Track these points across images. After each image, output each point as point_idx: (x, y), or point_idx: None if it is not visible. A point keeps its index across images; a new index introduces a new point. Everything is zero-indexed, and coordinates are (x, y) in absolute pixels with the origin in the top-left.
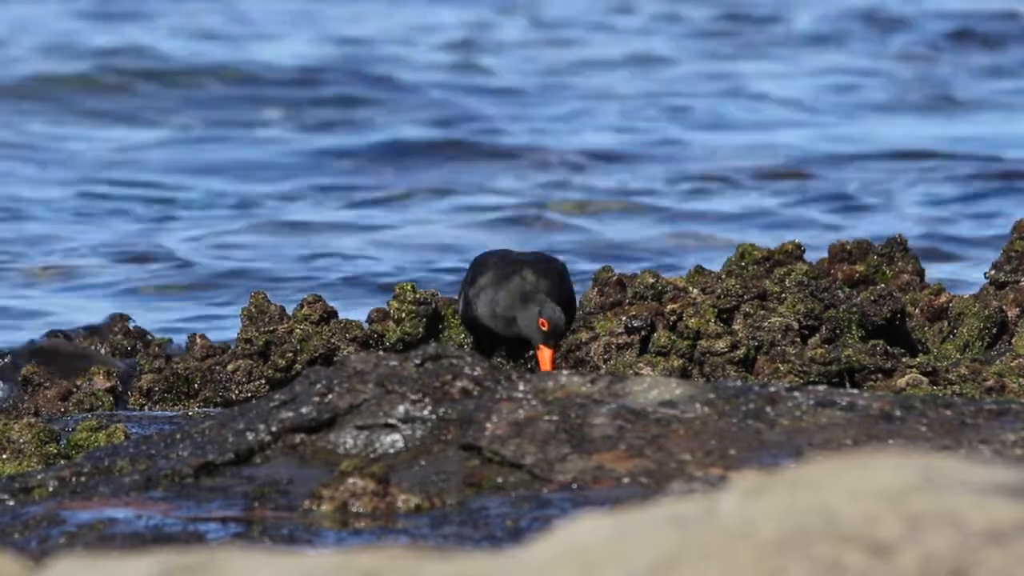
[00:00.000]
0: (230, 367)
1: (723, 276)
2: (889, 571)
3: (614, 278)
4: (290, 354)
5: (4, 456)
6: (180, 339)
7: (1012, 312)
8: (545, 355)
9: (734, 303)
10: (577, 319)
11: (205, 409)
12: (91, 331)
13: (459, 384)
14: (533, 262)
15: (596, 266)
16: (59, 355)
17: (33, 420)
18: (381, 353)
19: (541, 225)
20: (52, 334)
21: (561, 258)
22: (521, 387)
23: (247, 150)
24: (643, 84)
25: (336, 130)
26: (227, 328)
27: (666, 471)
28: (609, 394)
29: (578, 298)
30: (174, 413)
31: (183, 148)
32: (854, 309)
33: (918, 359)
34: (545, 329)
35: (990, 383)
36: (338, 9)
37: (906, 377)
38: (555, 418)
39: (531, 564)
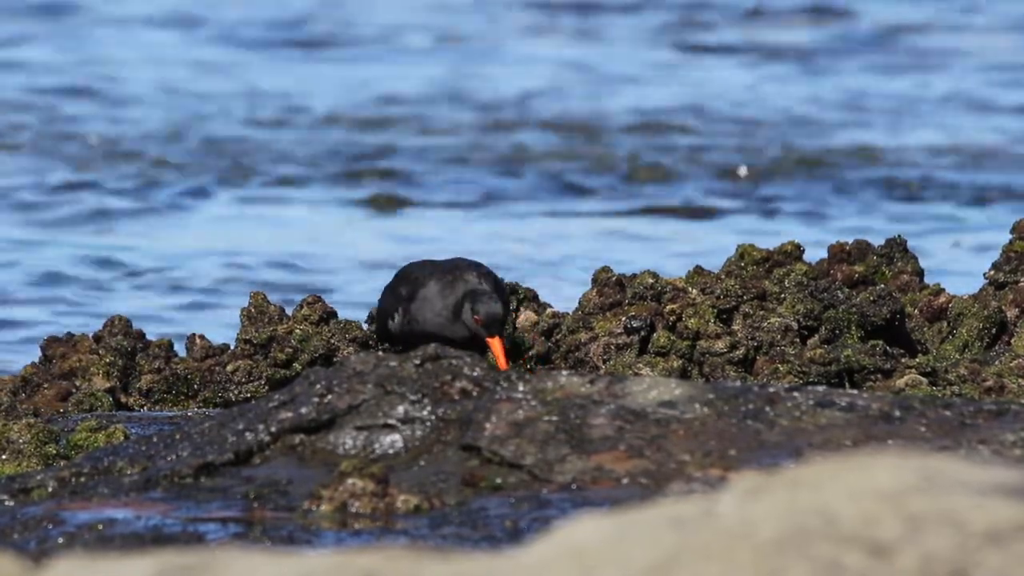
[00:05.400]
0: (229, 367)
1: (722, 276)
2: (888, 571)
3: (613, 278)
4: (289, 349)
5: (4, 456)
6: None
7: (1011, 312)
8: (495, 346)
9: (733, 303)
10: (577, 319)
11: (204, 410)
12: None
13: (458, 384)
14: (472, 265)
15: None
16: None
17: (32, 420)
18: (381, 353)
19: None
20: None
21: None
22: (520, 387)
23: None
24: None
25: None
26: None
27: (665, 471)
28: (608, 394)
29: (577, 298)
30: (174, 413)
31: None
32: (853, 309)
33: (917, 359)
34: (480, 323)
35: (989, 383)
36: None
37: (905, 378)
38: (554, 418)
39: (530, 564)
